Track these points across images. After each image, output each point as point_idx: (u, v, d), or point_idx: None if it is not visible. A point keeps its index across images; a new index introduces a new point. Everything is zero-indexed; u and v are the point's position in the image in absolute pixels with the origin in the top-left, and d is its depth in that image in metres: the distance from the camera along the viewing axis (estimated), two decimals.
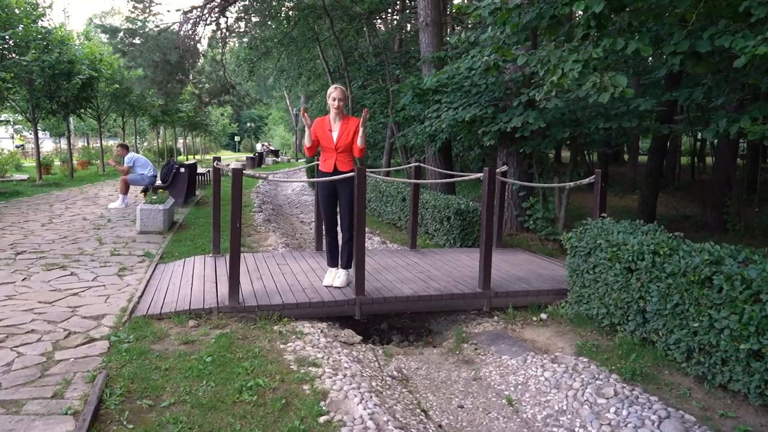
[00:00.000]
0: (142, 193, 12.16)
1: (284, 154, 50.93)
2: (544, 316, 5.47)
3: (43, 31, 15.81)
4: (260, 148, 45.26)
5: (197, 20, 14.97)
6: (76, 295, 5.42)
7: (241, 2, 17.39)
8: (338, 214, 5.67)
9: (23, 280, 5.92)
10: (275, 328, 4.75)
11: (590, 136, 8.39)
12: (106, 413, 3.19)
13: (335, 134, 5.43)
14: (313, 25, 18.27)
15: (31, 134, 18.81)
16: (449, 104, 9.34)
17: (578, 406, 3.75)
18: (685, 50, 4.34)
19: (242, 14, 18.49)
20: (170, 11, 56.64)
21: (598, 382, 3.97)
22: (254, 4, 18.47)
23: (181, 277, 5.95)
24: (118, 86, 20.68)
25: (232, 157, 50.04)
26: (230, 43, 22.37)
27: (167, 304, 5.04)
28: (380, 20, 20.75)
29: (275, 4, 18.70)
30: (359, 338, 5.06)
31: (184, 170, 12.44)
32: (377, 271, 6.21)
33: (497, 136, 8.65)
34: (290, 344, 4.44)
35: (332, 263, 5.72)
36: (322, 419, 3.30)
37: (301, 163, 36.14)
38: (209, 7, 15.10)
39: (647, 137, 15.26)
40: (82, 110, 19.00)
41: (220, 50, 19.70)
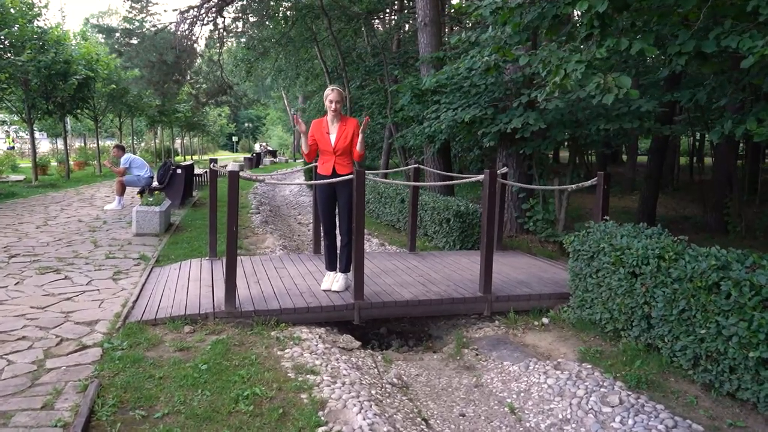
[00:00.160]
0: (138, 194, 12.06)
1: (282, 154, 50.80)
2: (545, 320, 5.39)
3: (38, 31, 15.69)
4: (258, 148, 45.16)
5: (194, 20, 14.87)
6: (69, 299, 5.32)
7: (238, 2, 17.30)
8: (337, 216, 5.58)
9: (16, 284, 5.81)
10: (272, 333, 4.66)
11: (590, 137, 8.31)
12: (97, 425, 3.10)
13: (333, 137, 5.32)
14: (311, 25, 18.18)
15: (26, 135, 18.67)
16: (448, 105, 9.25)
17: (582, 414, 3.66)
18: (690, 50, 4.26)
19: (240, 14, 18.39)
20: (167, 11, 56.50)
21: (602, 389, 3.88)
22: (252, 4, 18.37)
23: (176, 281, 5.85)
24: (114, 86, 20.55)
25: (229, 157, 49.94)
26: (228, 43, 22.26)
27: (162, 309, 4.94)
28: (378, 20, 20.66)
29: (273, 4, 18.59)
30: (358, 344, 4.97)
31: (180, 171, 12.32)
32: (376, 274, 6.12)
33: (497, 137, 8.56)
34: (288, 351, 4.34)
35: (330, 267, 5.63)
36: (320, 430, 3.21)
37: (299, 163, 36.08)
38: (206, 6, 15.00)
39: (646, 138, 15.20)
40: (78, 111, 18.87)
41: (217, 50, 19.57)
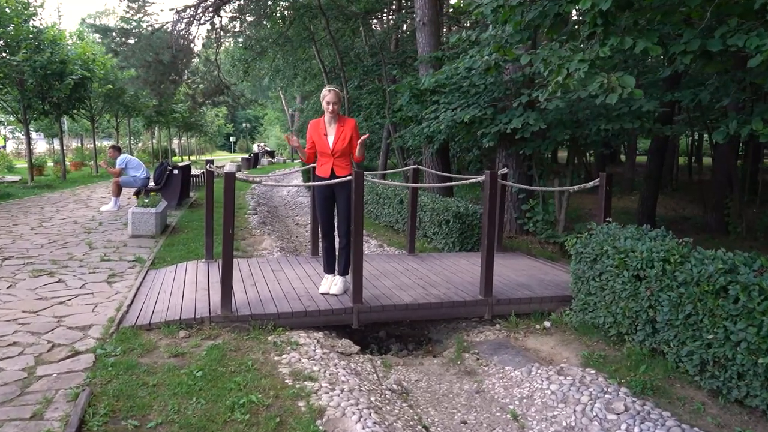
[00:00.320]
0: (134, 195, 11.95)
1: (280, 154, 50.67)
2: (547, 324, 5.30)
3: (34, 30, 15.58)
4: (257, 149, 45.04)
5: (191, 19, 14.76)
6: (62, 303, 5.22)
7: (235, 1, 17.19)
8: (335, 218, 5.48)
9: (8, 287, 5.71)
10: (269, 338, 4.56)
11: (591, 137, 8.22)
12: None
13: (331, 139, 5.23)
14: (308, 24, 18.09)
15: (22, 135, 18.52)
16: (447, 105, 9.17)
17: (587, 422, 3.57)
18: (695, 49, 4.18)
19: (237, 14, 18.27)
20: (163, 11, 56.31)
21: (607, 395, 3.79)
22: (249, 3, 18.26)
23: (172, 284, 5.76)
24: (111, 87, 20.43)
25: (227, 157, 49.83)
26: (225, 43, 22.14)
27: (157, 313, 4.84)
28: (376, 20, 20.58)
29: (270, 3, 18.49)
30: (357, 348, 4.88)
31: (177, 172, 12.22)
32: (375, 277, 6.03)
33: (496, 137, 8.47)
34: (285, 356, 4.25)
35: (329, 270, 5.53)
36: None
37: (297, 163, 35.97)
38: (203, 6, 14.89)
39: (646, 138, 15.11)
40: (74, 111, 18.75)
41: (214, 50, 19.46)
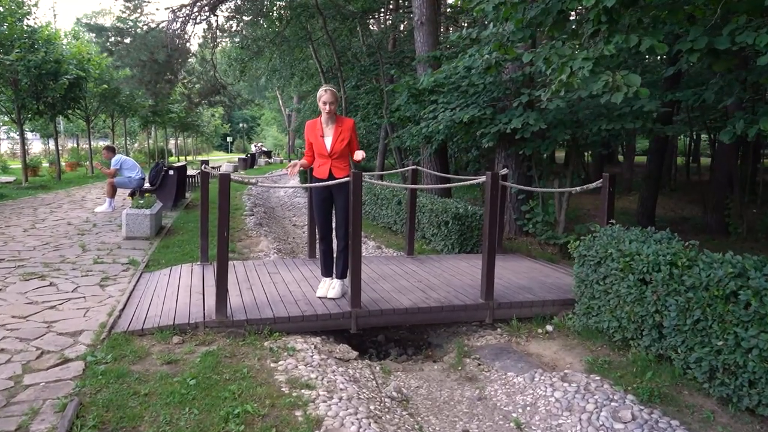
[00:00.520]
0: (129, 196, 11.81)
1: (277, 155, 50.50)
2: (549, 328, 5.19)
3: (28, 30, 15.42)
4: (254, 149, 44.87)
5: (186, 19, 14.62)
6: (53, 308, 5.09)
7: (231, 1, 17.07)
8: (333, 220, 5.36)
9: None
10: (266, 344, 4.45)
11: (591, 137, 8.12)
12: None
13: (329, 140, 5.11)
14: (305, 24, 17.97)
15: (17, 135, 18.37)
16: (446, 105, 9.05)
17: (593, 431, 3.46)
18: (702, 47, 4.07)
19: (233, 14, 18.15)
20: (159, 9, 56.06)
21: (613, 403, 3.69)
22: (246, 3, 18.14)
23: (166, 287, 5.63)
24: (106, 87, 20.27)
25: (224, 158, 49.63)
26: (222, 42, 22.02)
27: (150, 318, 4.72)
28: (373, 20, 20.47)
29: (267, 3, 18.37)
30: (355, 354, 4.76)
31: (173, 172, 12.08)
32: (373, 280, 5.91)
33: (496, 137, 8.37)
34: (281, 362, 4.13)
35: (326, 273, 5.41)
36: None
37: None
38: (199, 5, 14.76)
39: (647, 138, 15.02)
40: (69, 111, 18.58)
41: (210, 50, 19.33)
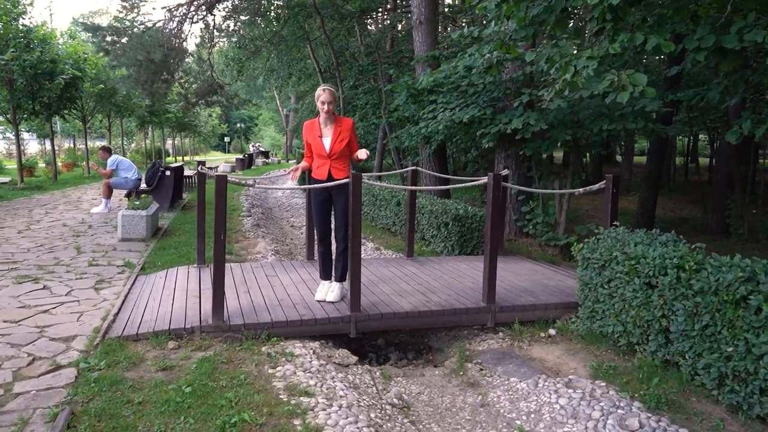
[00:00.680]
0: (125, 197, 11.69)
1: (274, 155, 50.38)
2: (552, 332, 5.10)
3: (23, 29, 15.29)
4: (252, 149, 44.74)
5: (183, 18, 14.50)
6: (46, 312, 4.99)
7: (228, 0, 16.94)
8: (332, 222, 5.27)
9: None
10: (263, 349, 4.35)
11: (592, 137, 8.03)
12: None
13: (328, 141, 5.01)
14: (303, 23, 17.86)
15: (12, 135, 18.20)
16: (445, 105, 8.97)
17: None
18: (709, 46, 3.99)
19: (230, 14, 18.02)
20: (156, 9, 55.76)
21: (619, 411, 3.60)
22: (243, 2, 18.02)
23: (162, 290, 5.53)
24: (103, 86, 20.13)
25: (221, 158, 49.45)
26: (219, 42, 21.89)
27: (145, 322, 4.62)
28: (371, 20, 20.36)
29: (264, 2, 18.25)
30: (355, 359, 4.66)
31: (169, 173, 11.97)
32: (373, 283, 5.82)
33: (496, 137, 8.28)
34: (279, 368, 4.04)
35: (325, 276, 5.32)
36: None
37: (291, 164, 35.71)
38: (196, 4, 14.64)
39: (643, 138, 14.97)
40: (66, 111, 18.44)
41: (207, 50, 19.20)
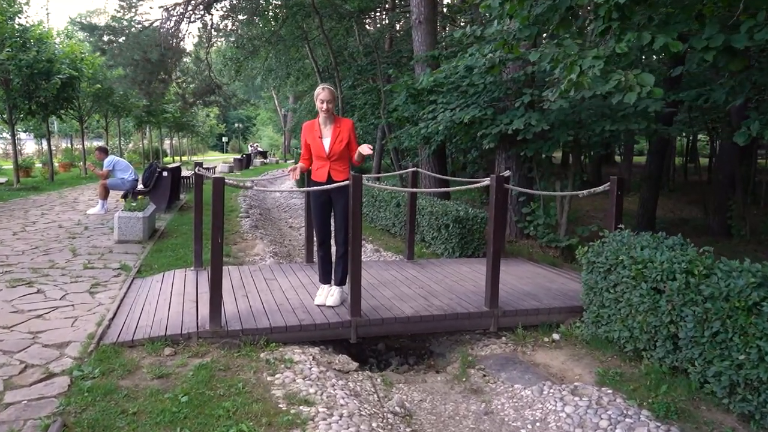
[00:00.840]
0: (122, 198, 11.56)
1: (272, 155, 50.27)
2: (556, 336, 5.01)
3: (20, 28, 15.18)
4: (251, 149, 44.63)
5: (180, 17, 14.39)
6: (40, 317, 4.88)
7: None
8: (332, 225, 5.17)
9: None
10: (262, 355, 4.25)
11: (593, 138, 7.94)
12: None
13: (327, 141, 4.91)
14: (301, 23, 17.75)
15: (8, 135, 18.07)
16: (445, 105, 8.88)
17: None
18: (719, 45, 3.90)
19: (228, 13, 17.91)
20: (153, 8, 55.65)
21: (627, 419, 3.51)
22: (241, 1, 17.91)
23: (158, 295, 5.43)
24: (100, 86, 20.01)
25: (219, 158, 49.34)
26: (217, 42, 21.76)
27: (141, 328, 4.52)
28: (370, 19, 20.26)
29: (262, 2, 18.14)
30: (355, 365, 4.56)
31: (167, 174, 11.86)
32: (373, 286, 5.72)
33: (497, 138, 8.19)
34: (278, 375, 3.94)
35: (325, 279, 5.22)
36: None
37: (290, 164, 35.61)
38: (193, 3, 14.53)
39: (642, 138, 14.89)
40: (62, 111, 18.32)
41: (205, 49, 19.08)
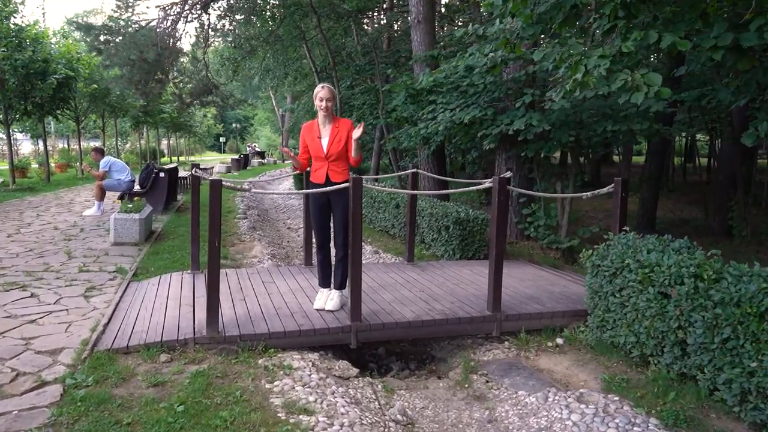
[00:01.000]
0: (118, 200, 11.46)
1: (270, 155, 50.16)
2: (560, 341, 4.92)
3: (15, 28, 15.06)
4: (248, 149, 44.51)
5: (177, 17, 14.27)
6: (33, 322, 4.78)
7: None
8: (331, 228, 5.07)
9: None
10: (260, 361, 4.16)
11: (595, 138, 7.86)
12: None
13: (325, 141, 4.81)
14: (299, 23, 17.64)
15: (4, 136, 17.93)
16: (445, 105, 8.79)
17: None
18: (727, 44, 3.82)
19: (226, 13, 17.79)
20: (149, 8, 55.46)
21: (636, 428, 3.42)
22: (238, 1, 17.79)
23: (154, 299, 5.32)
24: (96, 86, 19.88)
25: (217, 158, 49.20)
26: (214, 42, 21.64)
27: (136, 334, 4.42)
28: (368, 19, 20.16)
29: (260, 1, 18.03)
30: (356, 371, 4.47)
31: (163, 175, 11.75)
32: (373, 290, 5.62)
33: (497, 138, 8.10)
34: (277, 383, 3.84)
35: (324, 283, 5.12)
36: None
37: (288, 164, 35.56)
38: (190, 3, 14.41)
39: (651, 139, 14.80)
40: (59, 111, 18.19)
41: (202, 49, 18.95)
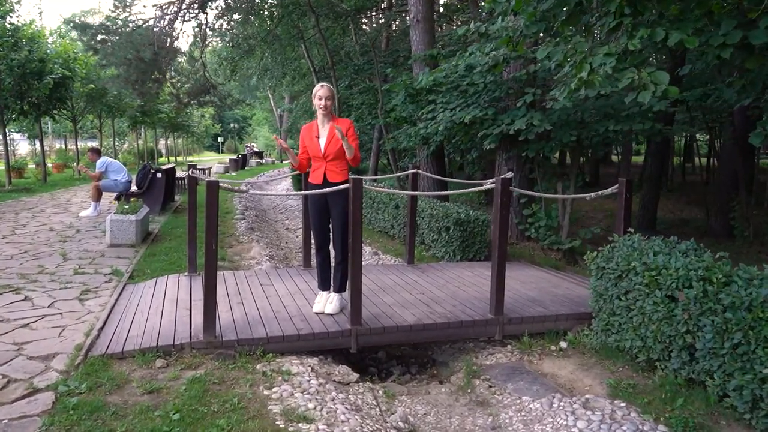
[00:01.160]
0: (114, 200, 11.35)
1: (268, 155, 50.03)
2: (564, 344, 4.83)
3: (11, 27, 14.96)
4: (246, 149, 44.37)
5: (174, 16, 14.17)
6: (26, 326, 4.68)
7: None
8: (330, 230, 4.98)
9: None
10: (258, 367, 4.06)
11: (596, 138, 7.77)
12: None
13: (323, 141, 4.73)
14: (297, 22, 17.54)
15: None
16: (445, 105, 8.70)
17: None
18: (736, 42, 3.74)
19: (223, 12, 17.69)
20: (147, 7, 55.25)
21: None
22: (236, 1, 17.68)
23: (150, 302, 5.22)
24: (93, 86, 19.77)
25: (215, 158, 49.05)
26: (212, 42, 21.54)
27: (131, 338, 4.32)
28: (366, 19, 20.08)
29: (258, 0, 17.93)
30: (356, 376, 4.37)
31: (161, 175, 11.65)
32: (373, 292, 5.53)
33: (498, 138, 8.01)
34: (276, 389, 3.75)
35: (323, 286, 5.03)
36: None
37: (286, 164, 35.45)
38: (187, 2, 14.31)
39: (652, 139, 14.73)
40: (55, 111, 18.09)
41: (200, 48, 18.85)
